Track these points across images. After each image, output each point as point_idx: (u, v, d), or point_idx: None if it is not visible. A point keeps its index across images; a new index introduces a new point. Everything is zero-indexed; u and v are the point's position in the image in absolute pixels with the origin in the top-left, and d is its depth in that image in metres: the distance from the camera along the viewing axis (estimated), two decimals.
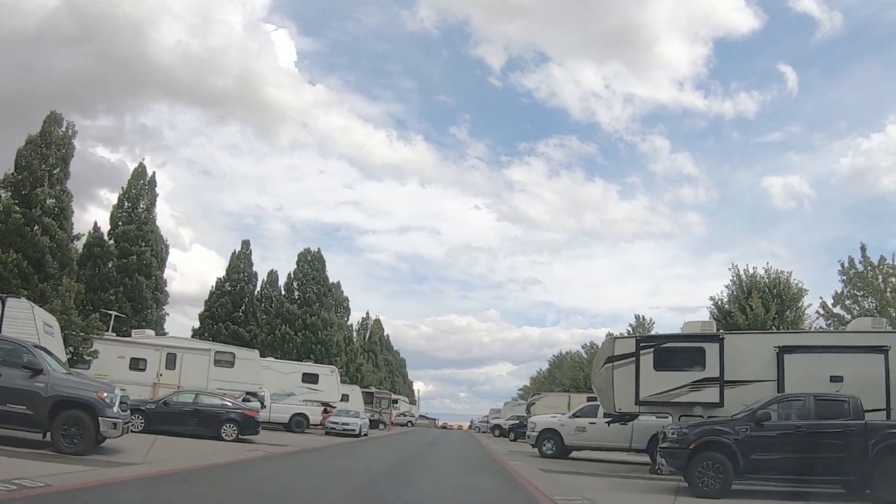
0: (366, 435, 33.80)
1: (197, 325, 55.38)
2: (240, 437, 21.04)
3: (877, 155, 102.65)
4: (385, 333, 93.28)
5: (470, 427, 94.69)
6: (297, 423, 30.99)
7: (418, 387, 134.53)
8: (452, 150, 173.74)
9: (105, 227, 43.64)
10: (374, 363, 75.37)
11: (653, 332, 44.61)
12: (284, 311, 49.72)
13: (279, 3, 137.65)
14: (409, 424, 71.52)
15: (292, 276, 52.60)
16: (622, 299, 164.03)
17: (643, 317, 51.98)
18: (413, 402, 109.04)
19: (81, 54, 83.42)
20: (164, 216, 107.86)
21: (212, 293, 57.80)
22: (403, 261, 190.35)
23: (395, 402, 71.44)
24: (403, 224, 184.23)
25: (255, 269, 58.10)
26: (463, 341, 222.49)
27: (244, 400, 29.07)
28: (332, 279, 61.44)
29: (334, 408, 35.50)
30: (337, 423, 31.37)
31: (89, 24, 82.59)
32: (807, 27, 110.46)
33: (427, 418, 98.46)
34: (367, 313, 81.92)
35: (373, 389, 54.24)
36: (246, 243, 60.58)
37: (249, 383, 26.42)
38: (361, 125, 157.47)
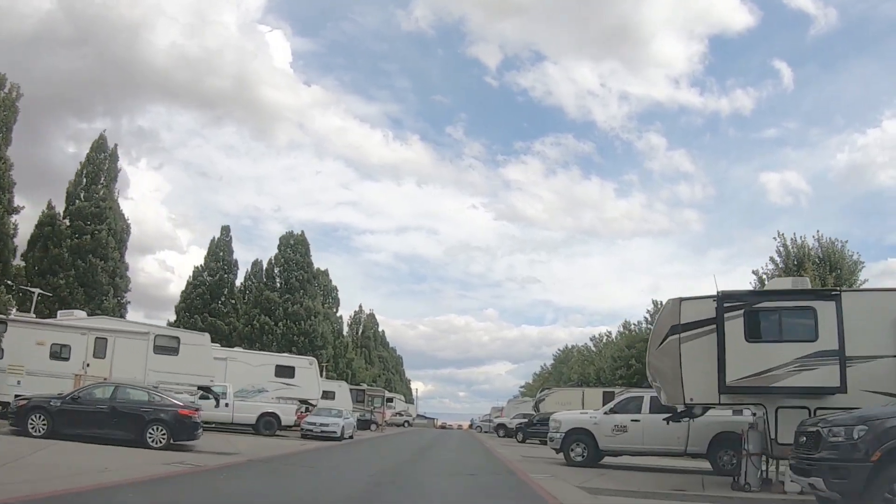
0: (350, 437, 28.65)
1: (173, 318, 50.67)
2: (173, 442, 15.88)
3: (873, 150, 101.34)
4: (380, 329, 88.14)
5: (470, 427, 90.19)
6: (267, 425, 25.84)
7: (416, 386, 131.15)
8: (449, 150, 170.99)
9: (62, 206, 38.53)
10: (368, 359, 70.20)
11: None
12: (263, 300, 44.55)
13: (274, 3, 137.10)
14: (406, 424, 66.46)
15: (273, 261, 47.40)
16: (621, 297, 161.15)
17: (661, 303, 46.82)
18: (410, 400, 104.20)
19: (77, 56, 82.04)
20: (162, 218, 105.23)
21: (189, 283, 52.86)
22: (402, 261, 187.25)
23: (390, 400, 66.36)
24: (401, 224, 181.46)
25: (235, 257, 53.27)
26: (462, 341, 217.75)
27: (201, 397, 24.18)
28: (327, 271, 56.36)
29: (314, 406, 30.36)
30: (314, 424, 26.22)
31: (85, 27, 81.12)
32: (801, 23, 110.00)
33: (426, 418, 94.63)
34: (360, 307, 76.83)
35: (364, 387, 49.09)
36: (226, 229, 55.46)
37: (198, 374, 21.25)
38: (358, 125, 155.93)
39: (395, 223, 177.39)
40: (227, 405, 25.76)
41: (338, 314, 54.71)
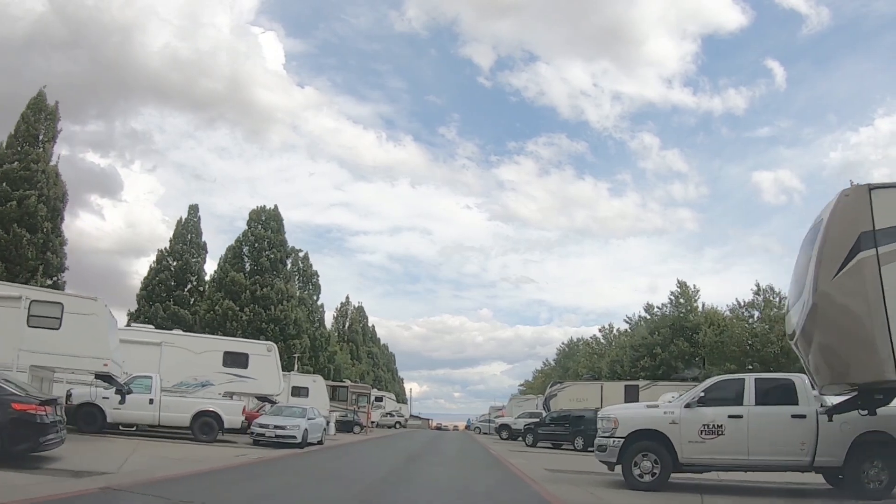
0: (319, 443, 22.56)
1: (134, 307, 44.53)
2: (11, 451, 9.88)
3: (866, 149, 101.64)
4: (370, 324, 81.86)
5: (467, 427, 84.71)
6: (205, 428, 19.67)
7: (410, 386, 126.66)
8: (442, 150, 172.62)
9: None
10: (355, 355, 63.98)
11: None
12: (228, 282, 38.30)
13: (266, 5, 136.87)
14: (398, 426, 60.33)
15: (241, 238, 41.15)
16: (615, 296, 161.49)
17: (686, 283, 40.73)
18: (403, 400, 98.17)
19: (70, 59, 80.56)
20: (156, 221, 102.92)
21: (151, 269, 46.67)
22: (395, 261, 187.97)
23: (379, 399, 60.15)
24: (395, 224, 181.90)
25: (205, 239, 47.07)
26: (456, 341, 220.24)
27: (117, 390, 18.11)
28: (306, 254, 50.13)
29: (275, 403, 24.22)
30: (266, 426, 20.10)
31: (77, 29, 79.48)
32: (794, 22, 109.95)
33: (420, 418, 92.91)
34: (347, 298, 70.55)
35: (347, 383, 42.86)
36: (194, 208, 49.32)
37: (89, 356, 15.03)
38: (351, 126, 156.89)
39: (388, 224, 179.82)
40: (151, 402, 19.64)
41: (318, 302, 48.57)
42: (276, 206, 42.85)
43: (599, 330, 59.42)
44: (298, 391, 32.25)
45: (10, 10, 57.64)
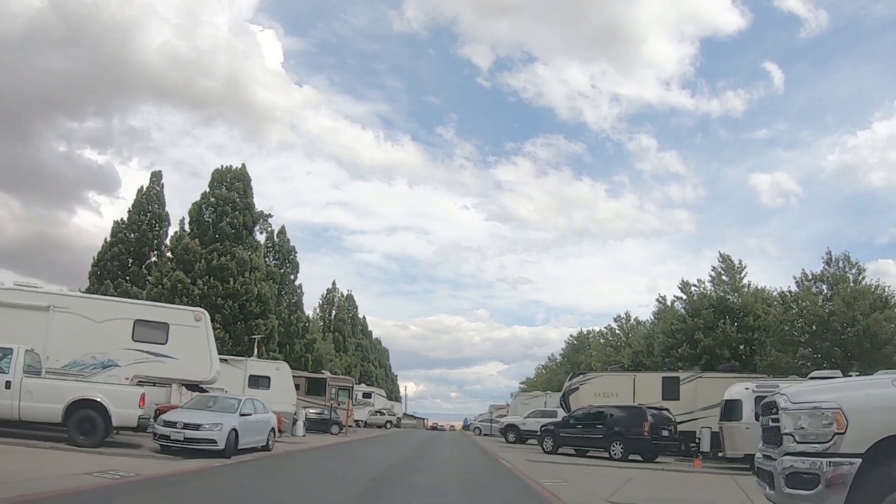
0: (264, 448, 16.12)
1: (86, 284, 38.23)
2: None
3: (864, 152, 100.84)
4: (360, 315, 75.26)
5: (464, 427, 78.44)
6: (85, 425, 13.21)
7: (406, 384, 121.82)
8: (440, 150, 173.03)
9: None
10: (341, 346, 57.46)
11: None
12: (180, 250, 31.80)
13: (265, 3, 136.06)
14: (388, 425, 53.88)
15: (201, 201, 34.60)
16: (613, 297, 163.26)
17: (729, 256, 34.12)
18: (396, 397, 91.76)
19: (68, 56, 80.00)
20: None
21: (105, 244, 40.26)
22: (393, 261, 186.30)
23: (368, 395, 53.58)
24: (392, 224, 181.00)
25: (168, 209, 40.67)
26: (453, 341, 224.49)
27: None
28: (283, 228, 43.54)
29: (206, 392, 17.68)
30: (172, 425, 13.67)
31: (76, 26, 78.33)
32: (792, 25, 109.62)
33: (415, 417, 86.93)
34: (334, 284, 63.96)
35: (326, 375, 36.30)
36: (157, 175, 42.92)
37: None
38: (349, 125, 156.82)
39: (386, 223, 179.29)
40: (8, 386, 13.24)
41: (296, 282, 41.98)
42: (243, 165, 36.32)
43: (615, 320, 53.01)
44: (257, 381, 25.78)
45: (8, 6, 57.67)
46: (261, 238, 35.78)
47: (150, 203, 41.60)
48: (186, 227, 34.71)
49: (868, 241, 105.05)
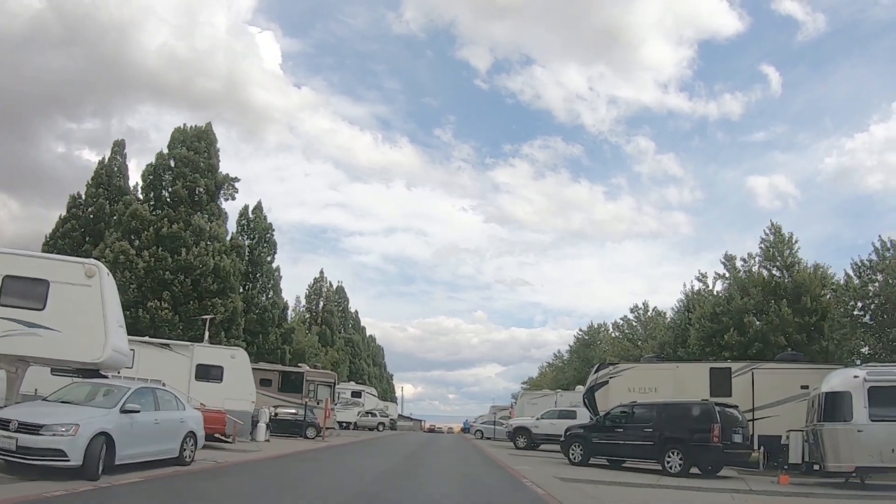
0: (183, 462, 10.92)
1: None
2: None
3: (861, 154, 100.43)
4: (352, 309, 69.90)
5: (463, 430, 73.33)
6: None
7: (402, 385, 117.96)
8: (438, 152, 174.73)
9: None
10: (328, 340, 52.17)
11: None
12: (127, 218, 26.55)
13: (264, 4, 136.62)
14: (381, 427, 48.59)
15: (157, 162, 29.29)
16: (610, 299, 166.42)
17: (780, 227, 28.78)
18: (392, 398, 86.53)
19: (67, 56, 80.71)
20: None
21: (59, 221, 35.09)
22: (390, 262, 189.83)
23: (357, 394, 48.35)
24: (390, 226, 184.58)
25: (133, 182, 35.36)
26: (451, 343, 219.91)
27: None
28: (260, 204, 38.26)
29: (105, 377, 12.33)
30: (5, 425, 8.34)
31: (74, 27, 78.51)
32: (790, 28, 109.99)
33: (411, 419, 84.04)
34: (322, 273, 58.62)
35: (304, 368, 30.97)
36: (119, 145, 37.63)
37: None
38: (347, 127, 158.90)
39: (384, 225, 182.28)
40: None
41: (273, 264, 36.65)
42: (208, 124, 30.95)
43: (631, 310, 47.63)
44: (207, 372, 20.46)
45: (7, 6, 55.96)
46: (227, 207, 30.38)
47: (110, 176, 36.31)
48: (140, 194, 29.41)
49: (865, 244, 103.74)
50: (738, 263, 27.39)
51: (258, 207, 38.34)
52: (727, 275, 27.43)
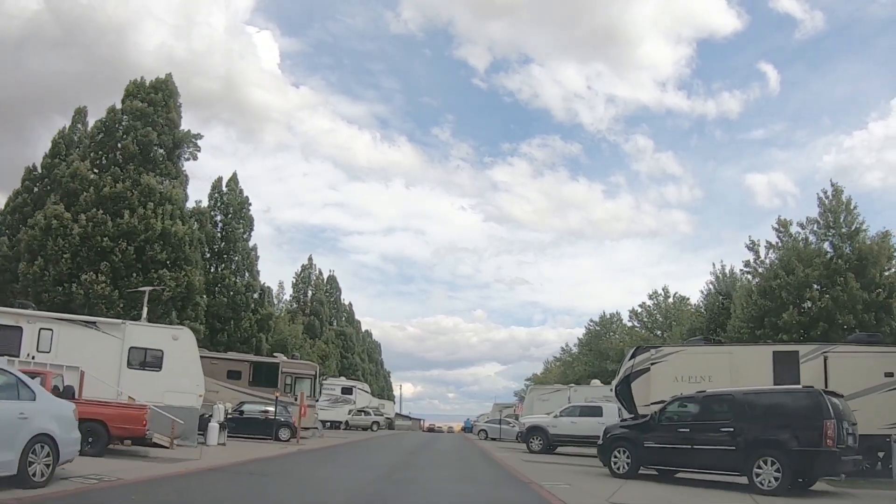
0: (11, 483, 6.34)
1: None
2: None
3: (859, 152, 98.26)
4: (346, 301, 65.48)
5: (463, 429, 69.16)
6: None
7: (400, 384, 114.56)
8: (436, 151, 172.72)
9: None
10: (317, 331, 47.80)
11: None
12: (67, 178, 22.22)
13: (261, 4, 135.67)
14: (375, 427, 44.31)
15: (107, 117, 24.86)
16: (610, 298, 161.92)
17: (838, 185, 24.38)
18: (388, 396, 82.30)
19: (65, 57, 79.87)
20: None
21: (10, 196, 31.04)
22: (389, 262, 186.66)
23: (348, 391, 43.93)
24: (389, 225, 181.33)
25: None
26: (450, 342, 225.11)
27: None
28: (235, 176, 33.89)
29: None
30: None
31: (72, 28, 76.05)
32: (788, 26, 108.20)
33: (410, 418, 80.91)
34: (310, 259, 54.20)
35: (280, 358, 26.58)
36: (80, 113, 33.37)
37: None
38: (346, 126, 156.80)
39: (382, 224, 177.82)
40: None
41: (250, 243, 32.26)
42: (168, 75, 26.50)
43: (650, 297, 43.18)
44: (142, 357, 16.08)
45: (5, 8, 55.06)
46: (186, 168, 25.87)
47: (69, 146, 31.92)
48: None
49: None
50: (794, 230, 23.00)
51: (233, 180, 33.99)
52: (780, 243, 23.03)
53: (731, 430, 11.43)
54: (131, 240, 20.18)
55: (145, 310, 17.61)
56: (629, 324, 45.94)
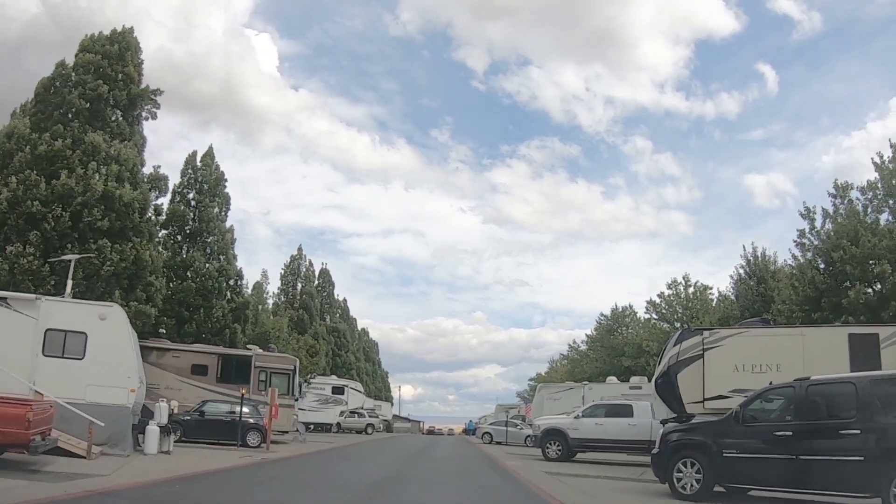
0: None
1: None
2: None
3: (858, 152, 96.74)
4: (340, 296, 61.99)
5: (465, 431, 66.30)
6: None
7: (398, 385, 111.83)
8: (435, 153, 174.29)
9: None
10: (306, 325, 44.34)
11: None
12: (2, 138, 18.79)
13: (260, 7, 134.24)
14: (370, 430, 40.92)
15: (55, 73, 21.35)
16: (610, 299, 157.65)
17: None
18: (386, 397, 78.99)
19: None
20: None
21: None
22: (389, 263, 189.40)
23: (339, 390, 40.47)
24: (388, 227, 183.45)
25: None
26: (450, 344, 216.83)
27: None
28: (211, 153, 30.48)
29: None
30: None
31: (71, 31, 65.61)
32: (786, 27, 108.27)
33: (409, 420, 79.74)
34: (300, 250, 50.68)
35: (253, 350, 23.10)
36: (44, 86, 29.57)
37: None
38: (345, 129, 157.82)
39: (381, 226, 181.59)
40: None
41: (227, 223, 28.84)
42: (130, 28, 23.04)
43: (669, 286, 39.65)
44: (60, 341, 12.57)
45: (4, 10, 53.35)
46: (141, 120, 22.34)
47: (41, 112, 28.40)
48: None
49: None
50: (854, 194, 19.50)
51: (208, 154, 30.50)
52: (841, 210, 19.54)
53: (857, 431, 7.98)
54: (67, 204, 16.75)
55: (69, 283, 14.14)
56: (645, 316, 42.43)
